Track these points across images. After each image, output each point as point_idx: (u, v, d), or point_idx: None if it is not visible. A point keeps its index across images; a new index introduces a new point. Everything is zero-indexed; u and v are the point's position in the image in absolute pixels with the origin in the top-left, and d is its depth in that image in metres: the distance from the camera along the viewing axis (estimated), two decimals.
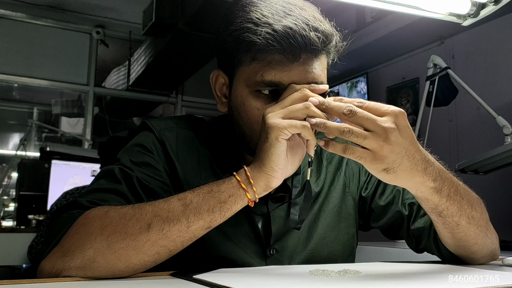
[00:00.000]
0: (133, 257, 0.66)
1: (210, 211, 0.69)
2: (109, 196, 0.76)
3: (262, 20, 0.75)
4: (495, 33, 2.78)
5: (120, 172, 0.80)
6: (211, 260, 0.82)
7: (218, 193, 0.70)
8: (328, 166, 0.97)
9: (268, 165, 0.71)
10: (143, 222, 0.67)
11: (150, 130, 0.88)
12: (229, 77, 0.85)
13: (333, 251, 0.91)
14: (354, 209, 0.96)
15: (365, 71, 3.72)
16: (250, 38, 0.75)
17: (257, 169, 0.72)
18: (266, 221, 0.87)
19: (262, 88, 0.78)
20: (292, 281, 0.67)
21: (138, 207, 0.69)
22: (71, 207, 0.74)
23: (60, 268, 0.66)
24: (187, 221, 0.68)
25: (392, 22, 3.02)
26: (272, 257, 0.86)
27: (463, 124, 2.99)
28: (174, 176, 0.85)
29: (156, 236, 0.66)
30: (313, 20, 0.76)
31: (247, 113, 0.80)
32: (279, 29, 0.74)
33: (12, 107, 6.09)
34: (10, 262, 3.10)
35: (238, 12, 0.80)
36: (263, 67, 0.77)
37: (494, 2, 0.99)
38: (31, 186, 3.37)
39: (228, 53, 0.82)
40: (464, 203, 0.78)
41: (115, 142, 2.65)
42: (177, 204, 0.69)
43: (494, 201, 2.61)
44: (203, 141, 0.90)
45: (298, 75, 0.76)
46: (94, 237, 0.66)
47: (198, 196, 0.70)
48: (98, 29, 4.67)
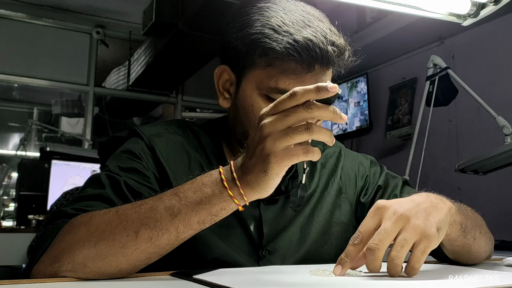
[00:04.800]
0: (124, 263, 0.66)
1: (201, 223, 0.67)
2: (93, 202, 0.76)
3: (283, 28, 0.77)
4: (495, 33, 2.78)
5: (106, 178, 0.79)
6: (204, 262, 0.82)
7: (209, 206, 0.65)
8: (322, 170, 0.98)
9: (264, 190, 0.65)
10: (130, 230, 0.66)
11: (140, 136, 0.88)
12: (237, 75, 0.85)
13: (324, 255, 0.91)
14: (350, 214, 0.97)
15: (365, 71, 3.72)
16: (270, 45, 0.76)
17: (251, 188, 0.65)
18: (258, 223, 0.87)
19: (273, 93, 0.79)
20: (292, 281, 0.67)
21: (123, 214, 0.67)
22: (56, 217, 0.74)
23: (51, 273, 0.67)
24: (177, 231, 0.66)
25: (392, 22, 3.03)
26: (264, 258, 0.86)
27: (463, 124, 2.99)
28: (165, 181, 0.84)
29: (145, 245, 0.66)
30: (330, 34, 0.78)
31: (254, 115, 0.80)
32: (300, 40, 0.75)
33: (12, 107, 6.09)
34: (10, 262, 3.10)
35: (255, 15, 0.80)
36: (278, 74, 0.78)
37: (494, 2, 0.99)
38: (31, 186, 3.37)
39: (239, 53, 0.82)
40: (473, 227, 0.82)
41: (115, 142, 2.64)
42: (165, 214, 0.66)
43: (494, 201, 2.62)
44: (194, 145, 0.90)
45: (309, 85, 0.77)
46: (81, 244, 0.66)
47: (187, 207, 0.66)
48: (98, 29, 4.67)
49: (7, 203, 3.82)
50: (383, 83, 3.70)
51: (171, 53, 3.76)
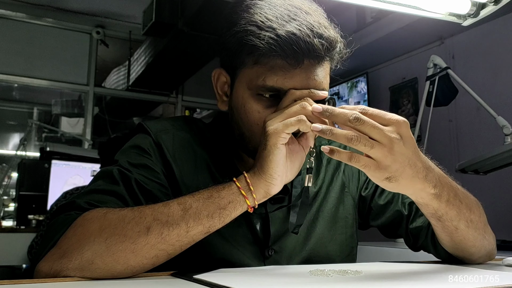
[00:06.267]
0: (132, 260, 0.66)
1: (210, 216, 0.69)
2: (107, 197, 0.76)
3: (266, 24, 0.75)
4: (495, 33, 2.78)
5: (118, 174, 0.79)
6: (209, 262, 0.82)
7: (218, 199, 0.70)
8: (327, 166, 0.97)
9: (267, 172, 0.71)
10: (142, 225, 0.67)
11: (147, 132, 0.88)
12: (231, 76, 0.84)
13: (330, 251, 0.91)
14: (353, 209, 0.96)
15: (365, 71, 3.72)
16: (253, 42, 0.75)
17: (257, 176, 0.72)
18: (265, 222, 0.87)
19: (263, 92, 0.77)
20: (292, 281, 0.67)
21: (137, 210, 0.69)
22: (68, 208, 0.74)
23: (57, 270, 0.66)
24: (187, 226, 0.68)
25: (392, 22, 3.03)
26: (270, 258, 0.86)
27: (463, 124, 2.99)
28: (172, 178, 0.85)
29: (155, 239, 0.66)
30: (318, 26, 0.75)
31: (247, 115, 0.80)
32: (282, 35, 0.73)
33: (12, 107, 6.09)
34: (10, 262, 3.10)
35: (242, 13, 0.79)
36: (265, 72, 0.76)
37: (494, 2, 0.99)
38: (31, 186, 3.37)
39: (230, 53, 0.81)
40: (463, 207, 0.78)
41: (115, 142, 2.64)
42: (177, 208, 0.69)
43: (494, 201, 2.62)
44: (200, 142, 0.90)
45: (300, 81, 0.76)
46: (92, 239, 0.66)
47: (198, 201, 0.69)
48: (98, 29, 4.67)
49: (7, 203, 3.82)
50: (383, 83, 3.70)
51: (171, 53, 3.76)
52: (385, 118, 0.66)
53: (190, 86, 5.00)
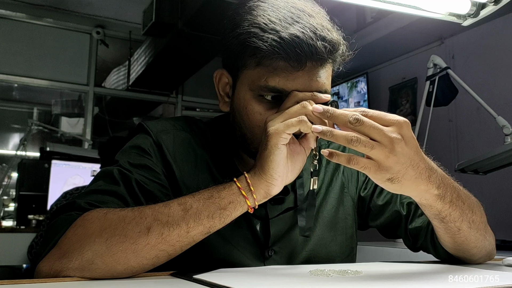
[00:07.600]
0: (132, 260, 0.66)
1: (210, 217, 0.69)
2: (107, 198, 0.76)
3: (269, 26, 0.74)
4: (495, 33, 2.78)
5: (118, 174, 0.79)
6: (209, 262, 0.82)
7: (218, 199, 0.70)
8: (327, 166, 0.98)
9: (268, 172, 0.71)
10: (143, 225, 0.67)
11: (147, 132, 0.88)
12: (233, 78, 0.84)
13: (330, 251, 0.91)
14: (352, 210, 0.96)
15: (365, 71, 3.72)
16: (256, 44, 0.75)
17: (257, 176, 0.72)
18: (265, 223, 0.87)
19: (265, 93, 0.77)
20: (292, 281, 0.67)
21: (137, 210, 0.69)
22: (69, 208, 0.74)
23: (58, 270, 0.66)
24: (187, 226, 0.68)
25: (392, 22, 3.03)
26: (270, 258, 0.86)
27: (463, 124, 2.99)
28: (172, 178, 0.85)
29: (156, 240, 0.66)
30: (321, 29, 0.75)
31: (249, 117, 0.80)
32: (285, 37, 0.73)
33: (12, 107, 6.09)
34: (10, 262, 3.10)
35: (245, 14, 0.79)
36: (268, 73, 0.76)
37: (494, 2, 0.99)
38: (31, 186, 3.37)
39: (233, 54, 0.81)
40: (466, 208, 0.78)
41: (115, 142, 2.65)
42: (177, 208, 0.69)
43: (494, 201, 2.62)
44: (201, 143, 0.90)
45: (302, 83, 0.76)
46: (93, 239, 0.66)
47: (198, 201, 0.70)
48: (98, 29, 4.67)
49: (7, 203, 3.82)
50: (383, 83, 3.70)
51: (171, 53, 3.76)
52: (385, 119, 0.66)
53: (190, 86, 5.00)
